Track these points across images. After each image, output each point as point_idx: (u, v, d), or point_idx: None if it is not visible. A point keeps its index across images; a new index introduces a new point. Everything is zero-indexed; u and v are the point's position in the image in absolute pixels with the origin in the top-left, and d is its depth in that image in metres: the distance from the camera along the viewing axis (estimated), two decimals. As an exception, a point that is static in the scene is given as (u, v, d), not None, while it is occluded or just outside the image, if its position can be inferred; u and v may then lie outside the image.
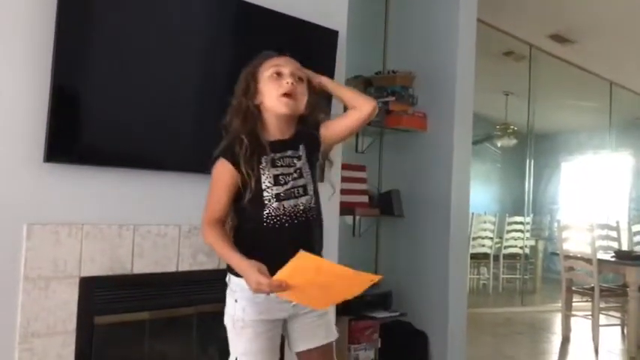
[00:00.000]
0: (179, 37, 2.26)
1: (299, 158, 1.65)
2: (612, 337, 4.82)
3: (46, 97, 1.92)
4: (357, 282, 1.53)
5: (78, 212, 2.05)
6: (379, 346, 3.32)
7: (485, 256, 6.85)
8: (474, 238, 6.52)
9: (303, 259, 1.40)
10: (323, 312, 1.69)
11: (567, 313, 4.81)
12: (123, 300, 2.16)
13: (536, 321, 5.71)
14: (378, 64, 3.85)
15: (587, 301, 4.85)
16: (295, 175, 1.61)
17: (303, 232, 1.62)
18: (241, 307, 1.60)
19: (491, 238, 6.86)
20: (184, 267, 2.32)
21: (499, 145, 7.50)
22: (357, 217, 3.60)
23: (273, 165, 1.60)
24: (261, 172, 1.58)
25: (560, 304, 5.21)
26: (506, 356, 4.23)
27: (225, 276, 1.72)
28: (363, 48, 3.65)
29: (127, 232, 2.17)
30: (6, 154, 1.90)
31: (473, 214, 6.09)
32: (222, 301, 2.47)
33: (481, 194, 7.27)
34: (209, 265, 2.40)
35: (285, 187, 1.59)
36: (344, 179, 3.13)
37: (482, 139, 7.15)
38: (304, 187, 1.63)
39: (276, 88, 1.60)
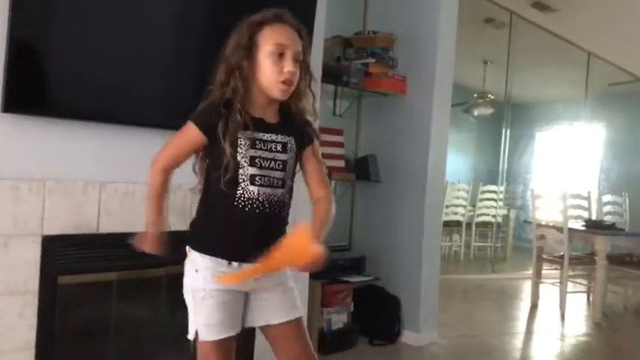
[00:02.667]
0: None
1: (284, 150, 1.52)
2: (578, 304, 4.94)
3: (3, 43, 1.79)
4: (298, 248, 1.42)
5: (40, 167, 1.95)
6: (352, 309, 3.32)
7: (458, 223, 6.91)
8: (447, 206, 6.55)
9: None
10: (289, 287, 1.61)
11: (537, 280, 4.89)
12: (88, 260, 2.08)
13: (505, 288, 5.82)
14: (357, 25, 3.74)
15: (556, 268, 4.94)
16: (276, 166, 1.50)
17: (271, 224, 1.53)
18: (202, 277, 1.52)
19: (464, 207, 6.91)
20: (154, 227, 2.24)
21: (475, 113, 7.49)
22: (333, 182, 3.55)
23: (253, 145, 1.48)
24: (238, 149, 1.46)
25: (529, 272, 5.30)
26: (476, 321, 4.29)
27: None
28: (343, 7, 3.54)
29: (92, 190, 2.07)
30: (-40, 104, 1.78)
31: (447, 182, 6.10)
32: (193, 262, 2.43)
33: (456, 163, 7.28)
34: (180, 225, 2.31)
35: (262, 171, 1.49)
36: (321, 143, 3.05)
37: (458, 105, 7.12)
38: (283, 180, 1.53)
39: (276, 72, 1.46)
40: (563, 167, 7.77)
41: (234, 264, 1.50)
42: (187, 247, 1.59)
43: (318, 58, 2.78)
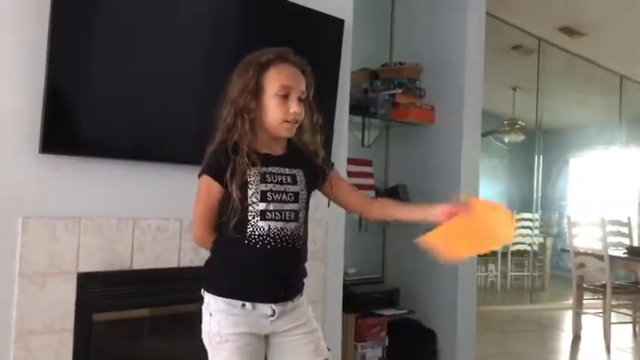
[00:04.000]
0: (181, 27, 2.19)
1: (294, 182, 1.51)
2: (624, 335, 4.73)
3: (41, 86, 1.85)
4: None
5: (75, 206, 1.99)
6: (387, 344, 3.24)
7: (493, 253, 6.75)
8: (480, 235, 6.41)
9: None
10: (312, 329, 1.56)
11: (578, 310, 4.71)
12: (122, 296, 2.10)
13: (545, 319, 5.62)
14: (384, 56, 3.76)
15: (598, 298, 4.76)
16: (288, 198, 1.49)
17: (287, 259, 1.50)
18: (216, 321, 1.47)
19: (498, 235, 6.74)
20: (186, 262, 2.25)
21: (506, 140, 7.39)
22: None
23: (263, 180, 1.46)
24: (249, 186, 1.45)
25: (569, 302, 5.11)
26: (516, 354, 4.14)
27: None
28: (369, 39, 3.57)
29: (126, 226, 2.10)
30: (0, 146, 1.84)
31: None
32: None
33: (488, 191, 7.15)
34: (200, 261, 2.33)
35: (273, 204, 1.47)
36: (350, 174, 3.05)
37: (488, 133, 7.04)
38: (296, 212, 1.50)
39: (282, 113, 1.46)
40: (600, 193, 7.56)
41: (248, 306, 1.45)
42: (202, 290, 1.55)
43: (345, 90, 2.80)
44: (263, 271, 1.47)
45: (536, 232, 7.00)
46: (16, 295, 1.85)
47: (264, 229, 1.45)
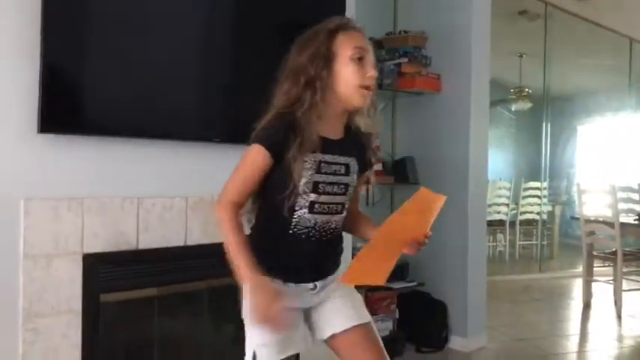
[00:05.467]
0: (181, 1, 2.12)
1: (347, 172, 1.43)
2: (634, 302, 4.70)
3: (38, 64, 1.80)
4: (424, 209, 1.34)
5: (78, 186, 1.95)
6: (397, 316, 3.23)
7: (501, 222, 6.71)
8: (489, 205, 6.37)
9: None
10: (351, 295, 1.52)
11: (588, 278, 4.69)
12: (129, 276, 2.07)
13: (555, 287, 5.61)
14: (388, 25, 3.66)
15: (608, 265, 4.73)
16: (338, 190, 1.41)
17: (328, 247, 1.47)
18: None
19: (506, 205, 6.71)
20: (193, 240, 2.22)
21: (513, 109, 7.29)
22: (371, 186, 3.48)
23: (318, 169, 1.37)
24: (303, 173, 1.35)
25: (578, 270, 5.09)
26: (527, 323, 4.13)
27: None
28: (373, 8, 3.47)
29: (130, 206, 2.06)
30: (-3, 126, 1.79)
31: (488, 180, 5.95)
32: (233, 275, 2.40)
33: (496, 160, 7.08)
34: (219, 238, 2.29)
35: (323, 197, 1.39)
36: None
37: (496, 103, 6.95)
38: (343, 205, 1.43)
39: (358, 76, 1.36)
40: (609, 160, 7.48)
41: (291, 284, 1.42)
42: None
43: (350, 60, 2.72)
44: (304, 259, 1.42)
45: (545, 200, 6.94)
46: (21, 278, 1.83)
47: (310, 221, 1.40)
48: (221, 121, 2.31)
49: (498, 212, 6.68)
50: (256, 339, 1.43)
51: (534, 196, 6.90)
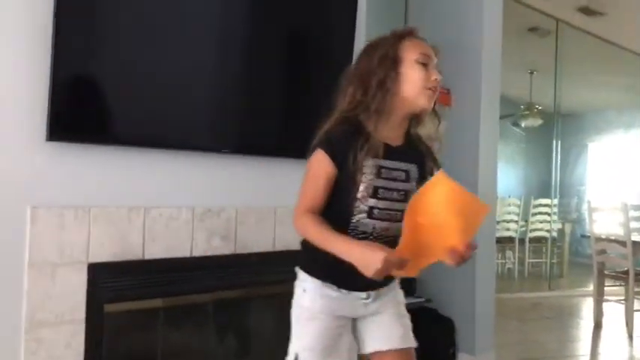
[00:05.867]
0: (190, 8, 2.12)
1: (407, 179, 1.42)
2: (646, 323, 4.62)
3: (47, 72, 1.80)
4: (467, 215, 1.30)
5: (84, 194, 1.94)
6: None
7: (511, 239, 6.65)
8: (498, 222, 6.32)
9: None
10: (401, 313, 1.51)
11: (599, 297, 4.61)
12: (134, 287, 2.05)
13: (564, 306, 5.53)
14: (399, 39, 3.66)
15: (619, 285, 4.65)
16: (398, 196, 1.40)
17: None
18: (310, 298, 1.43)
19: (516, 222, 6.66)
20: (198, 252, 2.20)
21: (524, 125, 7.26)
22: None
23: (378, 174, 1.37)
24: (362, 178, 1.35)
25: (588, 289, 5.01)
26: (536, 342, 4.06)
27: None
28: (383, 20, 3.46)
29: (137, 216, 2.05)
30: (6, 133, 1.79)
31: (497, 196, 5.90)
32: (239, 287, 2.38)
33: (505, 177, 7.05)
34: (225, 249, 2.29)
35: (382, 202, 1.38)
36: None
37: (506, 119, 6.92)
38: (402, 212, 1.37)
39: (423, 79, 1.39)
40: (620, 177, 7.41)
41: (344, 291, 1.42)
42: (297, 268, 1.50)
43: (360, 73, 2.71)
44: (357, 271, 1.38)
45: (555, 218, 6.88)
46: (25, 286, 1.81)
47: (368, 227, 1.39)
48: (231, 132, 2.31)
49: (508, 229, 6.62)
50: (302, 342, 1.43)
51: (544, 214, 6.84)
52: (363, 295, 1.43)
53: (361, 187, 1.36)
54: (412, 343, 1.49)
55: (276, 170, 2.45)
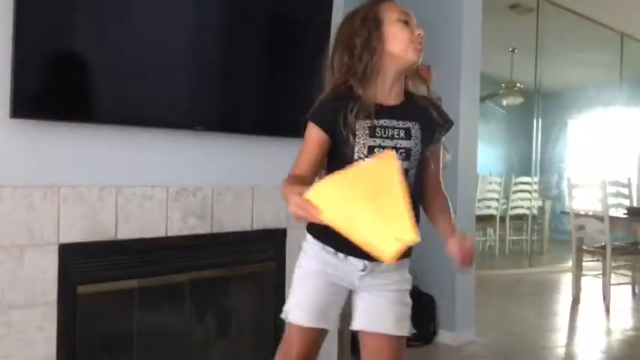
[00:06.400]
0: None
1: (408, 136, 1.39)
2: (623, 297, 4.70)
3: (9, 46, 1.72)
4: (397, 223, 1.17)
5: (53, 174, 1.88)
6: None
7: (492, 217, 6.70)
8: (479, 200, 6.34)
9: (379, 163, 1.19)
10: (400, 300, 1.46)
11: (577, 273, 4.67)
12: (107, 268, 2.01)
13: (544, 282, 5.60)
14: (378, 15, 3.61)
15: (597, 260, 4.72)
16: (398, 155, 1.36)
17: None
18: (306, 259, 1.46)
19: (497, 200, 6.70)
20: (174, 231, 2.16)
21: (504, 103, 7.27)
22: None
23: (372, 134, 1.37)
24: (356, 140, 1.36)
25: (568, 265, 5.07)
26: (515, 318, 4.12)
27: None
28: (362, -4, 3.42)
29: (109, 195, 2.00)
30: (-33, 111, 1.72)
31: (478, 175, 5.92)
32: (217, 266, 2.35)
33: (486, 155, 7.07)
34: (201, 229, 2.25)
35: None
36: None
37: (486, 97, 6.92)
38: (406, 170, 1.38)
39: (407, 34, 1.40)
40: (599, 154, 7.48)
41: (340, 255, 1.41)
42: (306, 229, 1.49)
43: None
44: None
45: (535, 195, 6.94)
46: (-7, 269, 1.76)
47: None
48: (204, 109, 2.25)
49: (489, 207, 6.67)
50: (294, 299, 1.45)
51: (525, 191, 6.89)
52: (360, 265, 1.40)
53: (355, 149, 1.36)
54: (403, 332, 1.45)
55: (253, 148, 2.41)
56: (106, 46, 1.93)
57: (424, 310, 3.33)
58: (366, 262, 1.40)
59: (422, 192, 1.49)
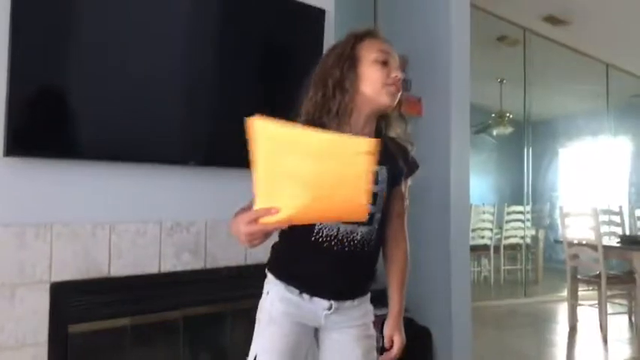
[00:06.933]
0: (155, 20, 2.09)
1: (375, 181, 1.35)
2: (620, 326, 4.68)
3: (4, 84, 1.74)
4: (350, 153, 1.07)
5: (46, 211, 1.87)
6: (380, 343, 3.15)
7: (486, 247, 6.69)
8: (473, 230, 6.35)
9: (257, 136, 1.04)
10: (366, 334, 1.46)
11: (573, 302, 4.65)
12: (100, 306, 1.98)
13: (540, 312, 5.57)
14: (368, 49, 3.67)
15: (592, 289, 4.70)
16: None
17: (355, 262, 1.39)
18: (270, 301, 1.41)
19: (490, 229, 6.70)
20: (167, 267, 2.14)
21: (495, 133, 7.34)
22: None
23: None
24: None
25: (563, 294, 5.04)
26: (513, 349, 4.07)
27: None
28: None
29: (102, 232, 1.99)
30: (-39, 149, 1.72)
31: (471, 205, 5.94)
32: (209, 303, 2.32)
33: (478, 185, 7.11)
34: (195, 264, 2.23)
35: None
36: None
37: (478, 130, 7.00)
38: (371, 215, 1.36)
39: (382, 76, 1.37)
40: (590, 183, 7.54)
41: (305, 296, 1.38)
42: (266, 269, 1.47)
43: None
44: (327, 270, 1.36)
45: (528, 224, 6.95)
46: (-17, 309, 1.73)
47: (332, 230, 1.34)
48: (197, 144, 2.26)
49: (482, 237, 6.66)
50: (260, 344, 1.39)
51: (518, 221, 6.90)
52: (325, 304, 1.39)
53: None
54: None
55: (246, 181, 2.40)
56: (98, 84, 1.95)
57: (420, 343, 3.29)
58: (332, 301, 1.38)
59: (384, 237, 1.46)
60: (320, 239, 1.34)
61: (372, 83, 1.37)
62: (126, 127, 2.01)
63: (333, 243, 1.34)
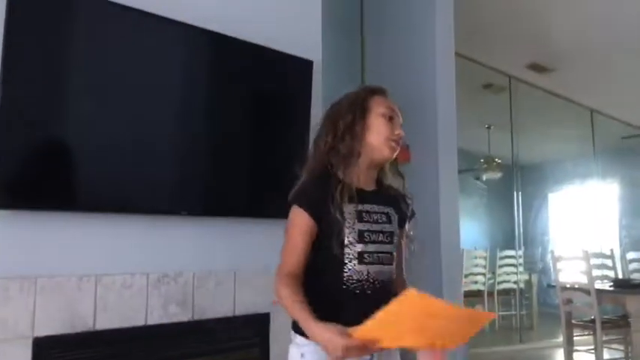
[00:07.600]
0: (145, 71, 2.12)
1: (389, 221, 1.44)
2: (617, 372, 4.60)
3: (-8, 138, 1.74)
4: (471, 323, 1.28)
5: (30, 264, 1.85)
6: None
7: (479, 293, 6.62)
8: (465, 275, 6.31)
9: (404, 303, 1.15)
10: None
11: (569, 348, 4.58)
12: (84, 361, 1.93)
13: (536, 359, 5.47)
14: (356, 98, 3.74)
15: (588, 334, 4.64)
16: (385, 239, 1.41)
17: (379, 303, 1.31)
18: None
19: (483, 274, 6.66)
20: (154, 320, 2.10)
21: (484, 178, 7.40)
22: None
23: (360, 218, 1.39)
24: (345, 224, 1.36)
25: (559, 340, 4.96)
26: (510, 399, 3.98)
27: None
28: (340, 80, 3.55)
29: (87, 284, 1.96)
30: (-54, 203, 1.71)
31: (463, 249, 5.92)
32: (198, 356, 2.27)
33: (470, 229, 7.12)
34: (182, 316, 2.19)
35: (371, 246, 1.39)
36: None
37: (466, 173, 7.05)
38: (391, 254, 1.42)
39: (387, 130, 1.45)
40: (581, 227, 7.56)
41: None
42: (292, 332, 1.42)
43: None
44: (360, 314, 1.29)
45: (521, 269, 6.91)
46: (-37, 367, 1.69)
47: (362, 273, 1.36)
48: (189, 194, 2.27)
49: (475, 282, 6.61)
50: None
51: (510, 265, 6.87)
52: (367, 356, 1.36)
53: (346, 232, 1.36)
54: None
55: (234, 230, 2.40)
56: (84, 136, 1.96)
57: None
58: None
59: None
60: (351, 286, 1.36)
61: (378, 134, 1.44)
62: (113, 178, 2.02)
63: (365, 286, 1.37)
